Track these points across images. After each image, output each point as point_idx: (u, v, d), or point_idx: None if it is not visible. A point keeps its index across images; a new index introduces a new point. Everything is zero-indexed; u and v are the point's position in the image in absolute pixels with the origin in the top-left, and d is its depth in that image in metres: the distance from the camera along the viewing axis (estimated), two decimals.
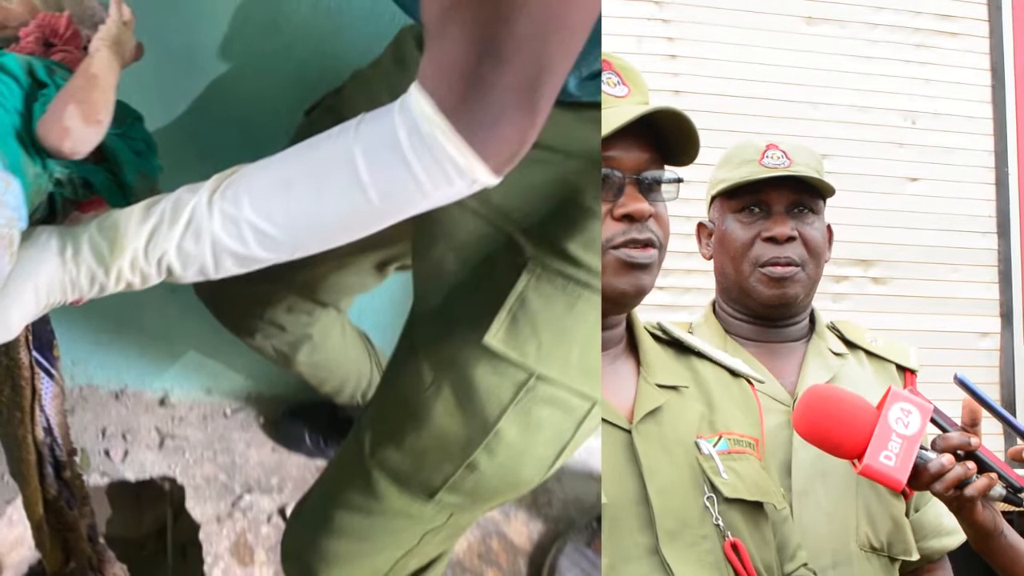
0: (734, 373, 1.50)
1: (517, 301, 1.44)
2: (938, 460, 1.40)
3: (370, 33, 1.81)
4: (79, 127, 1.20)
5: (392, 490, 1.62)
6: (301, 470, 2.52)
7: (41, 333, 1.43)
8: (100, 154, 1.27)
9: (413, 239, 1.60)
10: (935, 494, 1.43)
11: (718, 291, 1.86)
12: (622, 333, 1.43)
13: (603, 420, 1.34)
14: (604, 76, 1.35)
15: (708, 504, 1.32)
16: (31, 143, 1.20)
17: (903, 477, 1.38)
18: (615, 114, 1.32)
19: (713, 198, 1.83)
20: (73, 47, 1.34)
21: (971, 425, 1.46)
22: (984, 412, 1.48)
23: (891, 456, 1.37)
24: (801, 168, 1.74)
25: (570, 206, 1.40)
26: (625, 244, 1.32)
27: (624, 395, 1.38)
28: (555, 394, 1.48)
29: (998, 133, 3.73)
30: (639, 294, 1.34)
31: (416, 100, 1.09)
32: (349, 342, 2.26)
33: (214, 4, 1.92)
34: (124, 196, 1.29)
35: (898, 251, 3.62)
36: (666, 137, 1.34)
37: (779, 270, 1.74)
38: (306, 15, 1.92)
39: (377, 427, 1.64)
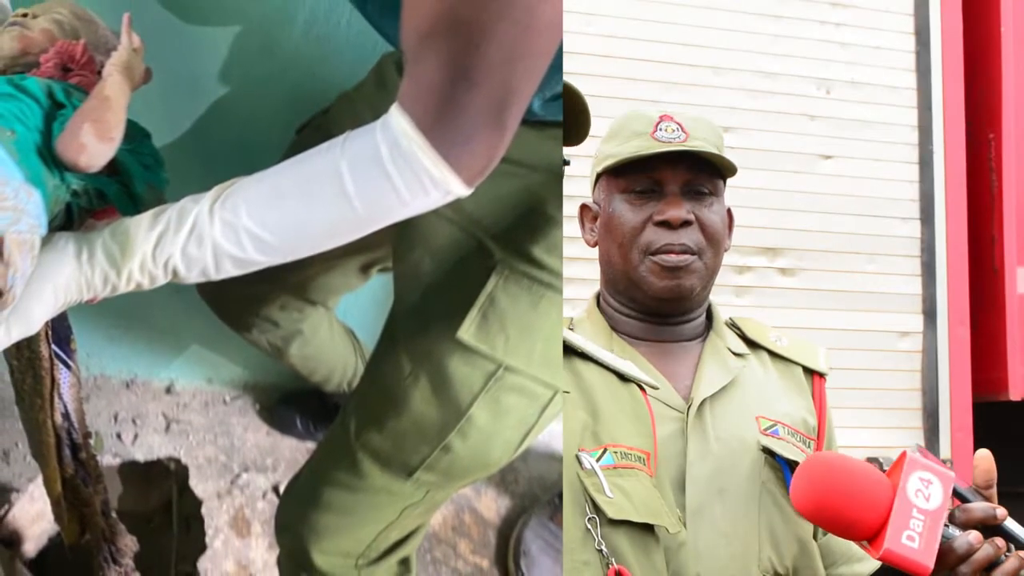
0: (623, 377, 1.26)
1: (487, 300, 1.45)
2: (964, 539, 1.08)
3: (355, 59, 1.82)
4: (94, 143, 1.20)
5: (375, 469, 1.63)
6: (293, 451, 2.53)
7: (59, 328, 1.44)
8: (113, 168, 1.27)
9: (394, 244, 1.61)
10: None
11: (603, 282, 1.47)
12: None
13: None
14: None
15: (590, 526, 1.13)
16: (50, 158, 1.20)
17: (930, 562, 1.06)
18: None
19: (598, 176, 1.44)
20: (88, 71, 1.34)
21: (986, 487, 1.16)
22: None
23: (914, 536, 1.06)
24: (699, 143, 1.37)
25: (534, 214, 1.42)
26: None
27: None
28: (521, 383, 1.50)
29: (922, 106, 3.06)
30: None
31: (396, 119, 1.10)
32: (336, 336, 2.27)
33: (215, 33, 1.92)
34: (134, 205, 1.29)
35: (808, 238, 2.94)
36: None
37: (673, 258, 1.36)
38: (298, 43, 1.92)
39: (361, 413, 1.64)
